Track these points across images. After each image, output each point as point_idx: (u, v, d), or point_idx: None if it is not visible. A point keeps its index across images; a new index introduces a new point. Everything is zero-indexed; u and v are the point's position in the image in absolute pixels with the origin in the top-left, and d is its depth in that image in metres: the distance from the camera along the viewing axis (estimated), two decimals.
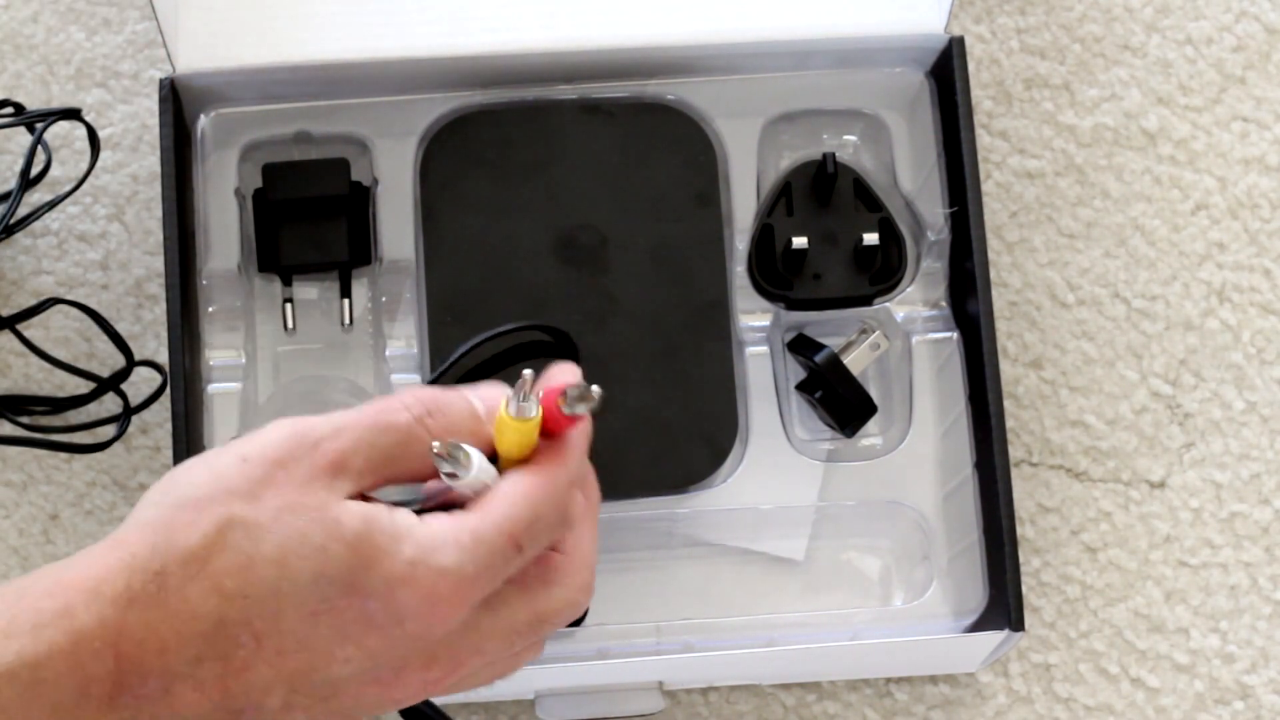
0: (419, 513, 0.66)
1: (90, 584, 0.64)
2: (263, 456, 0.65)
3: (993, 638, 0.87)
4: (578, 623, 0.77)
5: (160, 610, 0.63)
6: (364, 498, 0.66)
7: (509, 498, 0.66)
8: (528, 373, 0.66)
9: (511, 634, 0.67)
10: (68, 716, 0.63)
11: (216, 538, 0.64)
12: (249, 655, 0.64)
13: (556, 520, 0.67)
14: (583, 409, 0.66)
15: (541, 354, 0.81)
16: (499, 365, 0.83)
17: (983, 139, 0.97)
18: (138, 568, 0.64)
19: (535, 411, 0.66)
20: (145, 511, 0.65)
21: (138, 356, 0.93)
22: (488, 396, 0.69)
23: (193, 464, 0.66)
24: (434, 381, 0.77)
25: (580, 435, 0.69)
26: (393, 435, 0.66)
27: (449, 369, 0.77)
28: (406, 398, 0.67)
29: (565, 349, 0.79)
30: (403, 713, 0.72)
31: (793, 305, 0.92)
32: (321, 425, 0.66)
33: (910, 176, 0.93)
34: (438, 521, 0.65)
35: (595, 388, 0.66)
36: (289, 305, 0.91)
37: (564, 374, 0.68)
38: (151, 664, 0.63)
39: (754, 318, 0.91)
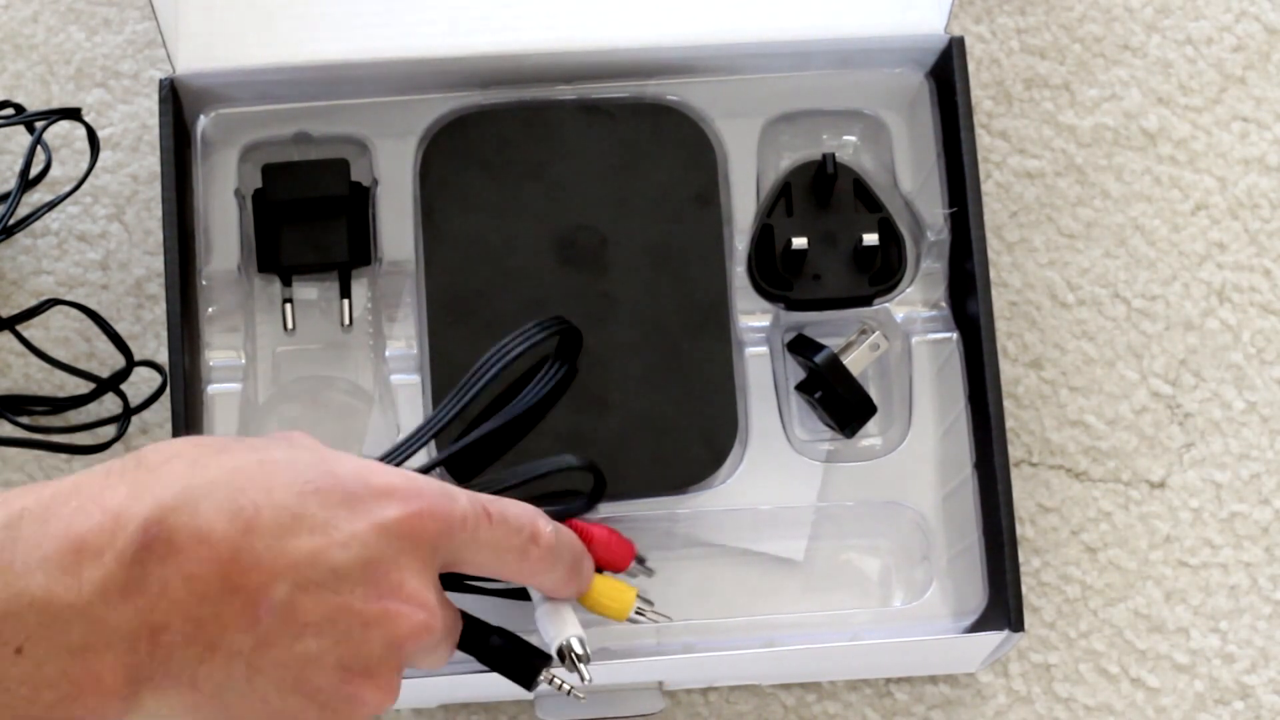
0: None
1: (67, 482, 0.65)
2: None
3: (993, 638, 0.87)
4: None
5: (144, 474, 0.64)
6: None
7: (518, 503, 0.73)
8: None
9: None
10: (63, 567, 0.62)
11: (190, 443, 0.67)
12: (250, 519, 0.64)
13: (526, 520, 0.72)
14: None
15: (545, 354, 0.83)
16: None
17: (983, 139, 0.97)
18: (113, 464, 0.65)
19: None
20: None
21: (138, 356, 0.93)
22: None
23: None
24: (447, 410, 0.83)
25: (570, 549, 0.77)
26: None
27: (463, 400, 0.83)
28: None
29: (569, 342, 0.83)
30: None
31: (792, 306, 0.92)
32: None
33: (910, 177, 0.93)
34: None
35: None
36: (289, 306, 0.91)
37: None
38: (147, 512, 0.63)
39: (754, 318, 0.91)
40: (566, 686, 0.78)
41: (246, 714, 0.65)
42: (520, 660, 0.77)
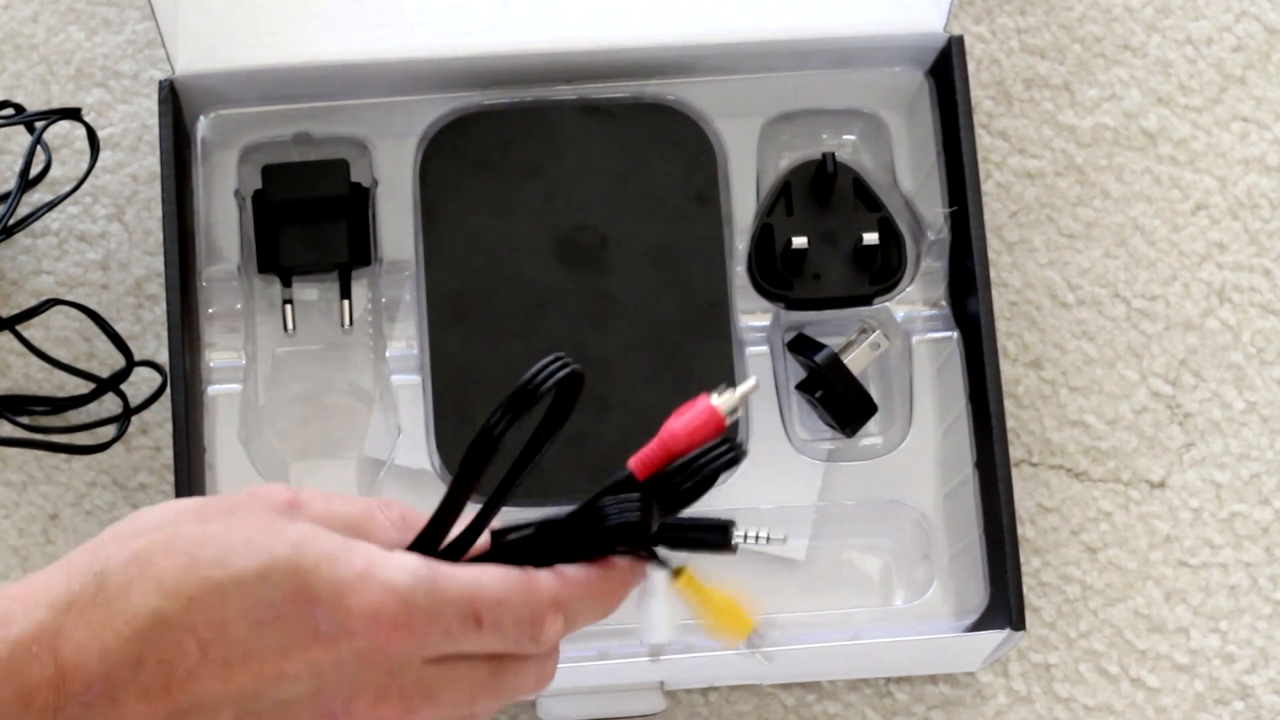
0: None
1: (29, 593, 0.63)
2: (221, 499, 0.66)
3: (993, 637, 0.87)
4: None
5: (100, 610, 0.63)
6: None
7: (487, 571, 0.66)
8: None
9: (469, 687, 0.66)
10: (9, 715, 0.62)
11: (161, 544, 0.64)
12: (194, 664, 0.62)
13: (526, 619, 0.66)
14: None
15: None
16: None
17: (983, 139, 0.97)
18: (76, 572, 0.64)
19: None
20: (98, 535, 0.66)
21: (138, 356, 0.93)
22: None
23: (155, 505, 0.67)
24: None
25: (591, 578, 0.68)
26: (351, 506, 0.67)
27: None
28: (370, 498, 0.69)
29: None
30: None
31: (793, 305, 0.92)
32: (281, 485, 0.68)
33: (910, 176, 0.93)
34: (401, 552, 0.65)
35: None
36: (289, 306, 0.91)
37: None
38: (93, 669, 0.62)
39: (754, 318, 0.91)
40: (763, 535, 0.71)
41: None
42: (706, 538, 0.70)
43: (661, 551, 0.69)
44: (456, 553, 0.67)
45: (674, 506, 0.68)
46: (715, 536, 0.69)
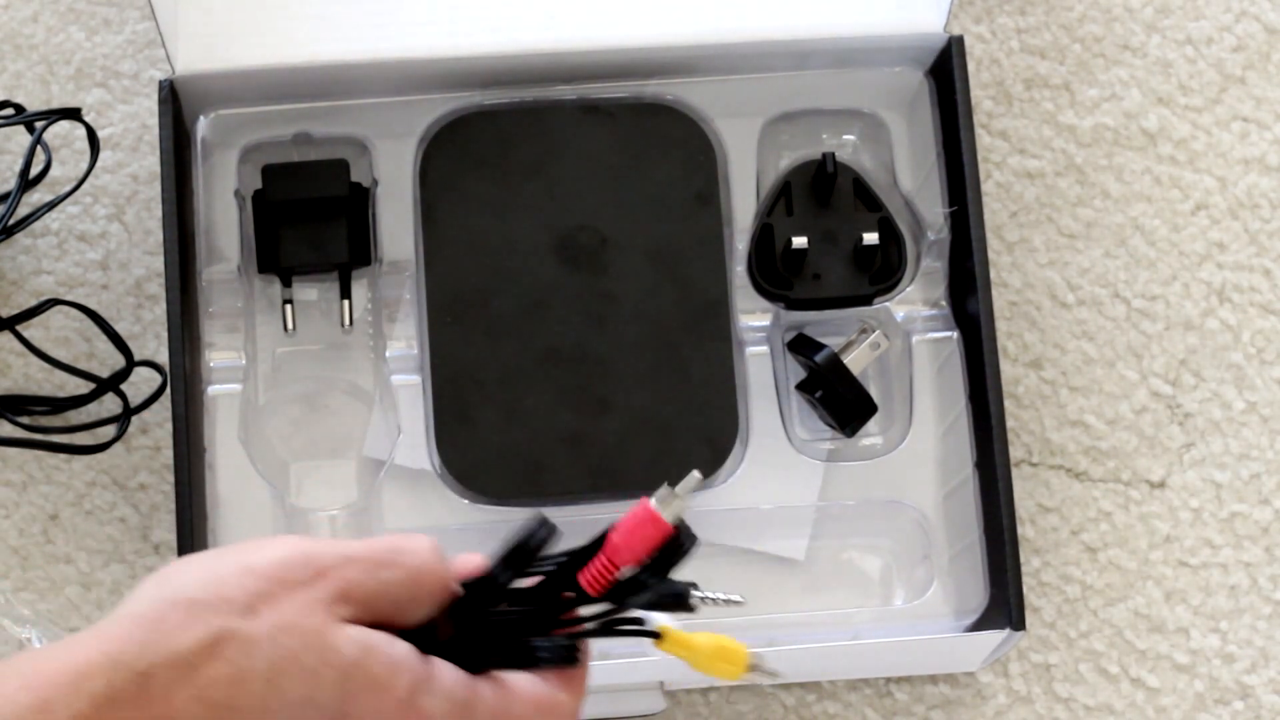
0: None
1: (70, 678, 0.62)
2: (266, 572, 0.64)
3: (993, 637, 0.87)
4: None
5: (141, 713, 0.62)
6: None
7: (518, 699, 0.66)
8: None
9: None
10: None
11: (209, 645, 0.63)
12: None
13: None
14: None
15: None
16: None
17: (983, 139, 0.97)
18: (123, 665, 0.63)
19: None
20: (137, 605, 0.64)
21: (138, 356, 0.93)
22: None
23: (192, 563, 0.66)
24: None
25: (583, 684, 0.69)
26: (400, 573, 0.66)
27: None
28: (422, 540, 0.67)
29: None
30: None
31: (793, 305, 0.92)
32: (331, 552, 0.66)
33: (910, 176, 0.93)
34: (443, 665, 0.66)
35: None
36: (289, 306, 0.91)
37: None
38: None
39: (754, 318, 0.92)
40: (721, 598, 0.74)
41: None
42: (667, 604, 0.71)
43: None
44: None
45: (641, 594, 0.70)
46: (675, 602, 0.70)
